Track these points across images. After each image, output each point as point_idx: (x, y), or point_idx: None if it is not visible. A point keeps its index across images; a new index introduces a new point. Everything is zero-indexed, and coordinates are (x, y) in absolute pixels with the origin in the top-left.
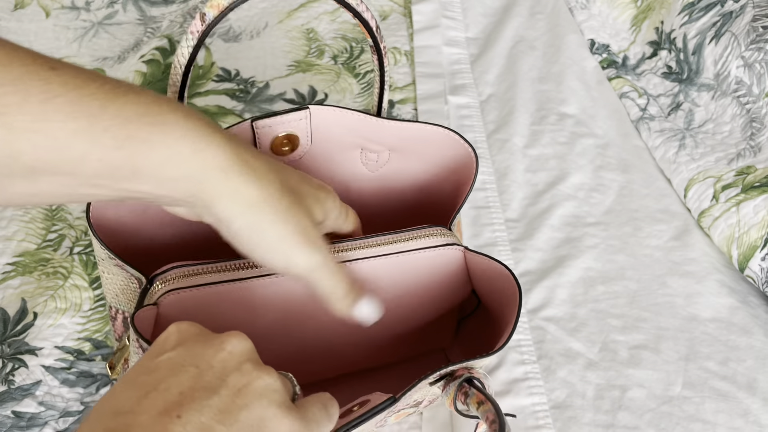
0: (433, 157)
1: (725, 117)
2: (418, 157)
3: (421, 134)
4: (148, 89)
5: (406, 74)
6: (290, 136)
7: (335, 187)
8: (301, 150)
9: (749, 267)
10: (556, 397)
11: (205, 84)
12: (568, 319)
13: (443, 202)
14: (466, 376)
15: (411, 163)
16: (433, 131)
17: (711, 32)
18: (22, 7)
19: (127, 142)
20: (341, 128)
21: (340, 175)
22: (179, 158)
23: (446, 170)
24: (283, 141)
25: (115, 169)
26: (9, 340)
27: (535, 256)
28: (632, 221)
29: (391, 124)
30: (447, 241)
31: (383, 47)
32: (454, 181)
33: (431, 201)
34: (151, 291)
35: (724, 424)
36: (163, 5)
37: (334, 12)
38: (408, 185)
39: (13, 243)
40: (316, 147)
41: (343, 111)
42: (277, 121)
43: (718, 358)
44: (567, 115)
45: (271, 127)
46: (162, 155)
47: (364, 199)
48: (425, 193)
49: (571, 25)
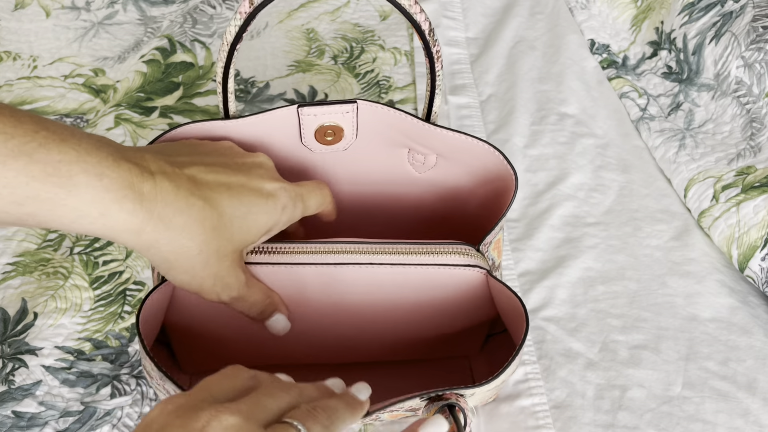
0: (475, 170)
1: (725, 117)
2: (462, 168)
3: (466, 146)
4: (70, 141)
5: (406, 74)
6: (335, 128)
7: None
8: (346, 142)
9: (749, 267)
10: (556, 397)
11: (205, 84)
12: (568, 319)
13: (476, 216)
14: (451, 402)
15: (455, 171)
16: (478, 146)
17: (711, 32)
18: (22, 7)
19: (28, 201)
20: (389, 128)
21: (385, 173)
22: (86, 220)
23: (485, 186)
24: (327, 131)
25: (19, 219)
26: (9, 340)
27: (535, 256)
28: (632, 221)
29: (440, 131)
30: (470, 262)
31: (436, 51)
32: (491, 198)
33: (464, 213)
34: None
35: (724, 424)
36: (163, 5)
37: (335, 12)
38: (448, 193)
39: (13, 243)
40: (361, 141)
41: (391, 110)
42: (323, 110)
43: (718, 358)
44: (567, 115)
45: (315, 116)
46: (68, 216)
47: (405, 200)
48: (460, 204)
49: (571, 25)
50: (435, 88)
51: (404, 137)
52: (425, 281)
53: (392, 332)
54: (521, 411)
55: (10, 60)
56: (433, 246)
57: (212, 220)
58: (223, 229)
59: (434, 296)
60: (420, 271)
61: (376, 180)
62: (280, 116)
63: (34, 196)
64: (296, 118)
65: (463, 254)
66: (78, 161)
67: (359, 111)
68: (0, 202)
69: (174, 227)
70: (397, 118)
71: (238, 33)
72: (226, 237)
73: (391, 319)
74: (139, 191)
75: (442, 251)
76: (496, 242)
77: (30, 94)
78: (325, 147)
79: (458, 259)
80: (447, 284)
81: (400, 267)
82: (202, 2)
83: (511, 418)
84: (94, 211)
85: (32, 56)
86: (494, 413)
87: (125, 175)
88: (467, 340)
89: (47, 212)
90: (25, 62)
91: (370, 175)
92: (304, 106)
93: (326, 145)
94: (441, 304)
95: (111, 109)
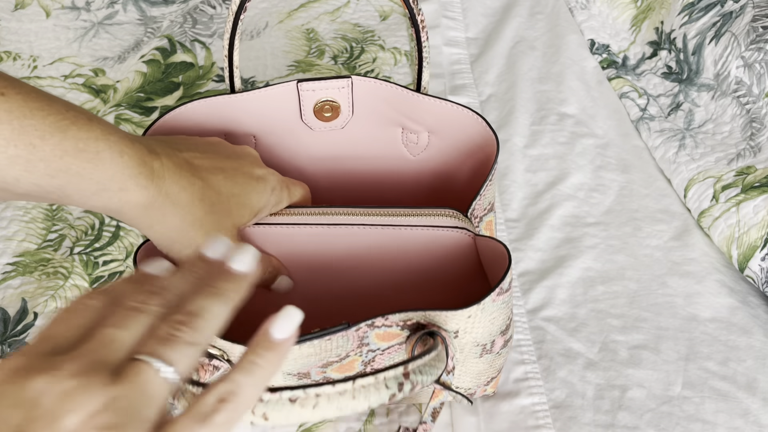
0: (463, 144)
1: (725, 117)
2: (451, 143)
3: (453, 116)
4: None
5: (406, 74)
6: (332, 104)
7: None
8: (343, 119)
9: (749, 267)
10: (555, 397)
11: (206, 84)
12: (568, 319)
13: (465, 191)
14: (432, 330)
15: (445, 150)
16: (463, 114)
17: (711, 32)
18: (22, 7)
19: (60, 173)
20: (382, 102)
21: (381, 156)
22: (106, 194)
23: (471, 159)
24: (325, 107)
25: (46, 192)
26: (9, 340)
27: (534, 256)
28: (632, 221)
29: (429, 100)
30: (457, 224)
31: (420, 20)
32: (476, 168)
33: (454, 190)
34: None
35: (723, 424)
36: (163, 5)
37: (334, 12)
38: (440, 172)
39: (13, 243)
40: (358, 119)
41: (383, 83)
42: (320, 85)
43: (718, 358)
44: (567, 115)
45: (314, 91)
46: (91, 189)
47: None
48: (450, 181)
49: (571, 25)
50: (423, 59)
51: (397, 113)
52: (414, 241)
53: (383, 292)
54: (521, 410)
55: (10, 60)
56: (422, 209)
57: (211, 198)
58: (221, 205)
59: (423, 257)
60: (409, 233)
61: (372, 158)
62: (282, 91)
63: (66, 169)
64: (296, 94)
65: (451, 217)
66: (103, 138)
67: (354, 86)
68: (35, 174)
69: (179, 203)
70: (389, 91)
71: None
72: (224, 213)
73: (382, 280)
74: (150, 168)
75: (431, 213)
76: (487, 223)
77: None
78: (324, 124)
79: (446, 221)
80: (435, 245)
81: (390, 228)
82: (202, 2)
83: (510, 417)
84: (114, 185)
85: (32, 56)
86: (494, 412)
87: (140, 153)
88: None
89: (74, 186)
90: (25, 62)
91: (366, 153)
92: (303, 81)
93: (325, 122)
94: (430, 264)
95: (111, 109)
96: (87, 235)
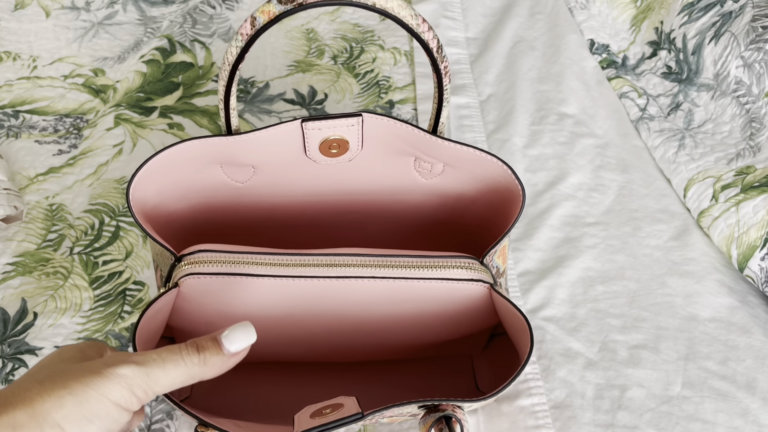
0: (482, 178)
1: (725, 117)
2: (468, 175)
3: (474, 158)
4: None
5: (406, 74)
6: (340, 141)
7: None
8: (351, 154)
9: (749, 267)
10: (555, 397)
11: (205, 84)
12: (568, 319)
13: (480, 222)
14: (448, 414)
15: (462, 179)
16: (486, 159)
17: (710, 32)
18: (22, 7)
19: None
20: (395, 138)
21: (390, 180)
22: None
23: (489, 194)
24: (332, 144)
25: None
26: (9, 340)
27: (534, 256)
28: (632, 221)
29: (447, 144)
30: (473, 276)
31: (444, 68)
32: (495, 205)
33: (468, 219)
34: (178, 267)
35: (723, 424)
36: (163, 5)
37: (334, 12)
38: (453, 199)
39: (13, 243)
40: (367, 152)
41: (397, 123)
42: (327, 124)
43: (718, 357)
44: (567, 115)
45: (320, 129)
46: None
47: (410, 206)
48: (464, 210)
49: (571, 25)
50: (443, 102)
51: (411, 147)
52: (427, 295)
53: (394, 339)
54: (521, 410)
55: (10, 60)
56: (435, 260)
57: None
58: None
59: (437, 309)
60: (422, 285)
61: (381, 187)
62: (284, 131)
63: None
64: (300, 132)
65: (466, 268)
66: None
67: (364, 123)
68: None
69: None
70: (403, 131)
71: (239, 54)
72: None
73: (393, 329)
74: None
75: (445, 265)
76: (501, 249)
77: (30, 95)
78: (330, 159)
79: (461, 273)
80: (450, 298)
81: (402, 281)
82: (201, 2)
83: (510, 417)
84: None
85: (32, 56)
86: (494, 412)
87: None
88: (471, 341)
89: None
90: (25, 62)
91: (375, 183)
92: (308, 120)
93: (331, 157)
94: (444, 316)
95: (111, 109)
96: (87, 235)
